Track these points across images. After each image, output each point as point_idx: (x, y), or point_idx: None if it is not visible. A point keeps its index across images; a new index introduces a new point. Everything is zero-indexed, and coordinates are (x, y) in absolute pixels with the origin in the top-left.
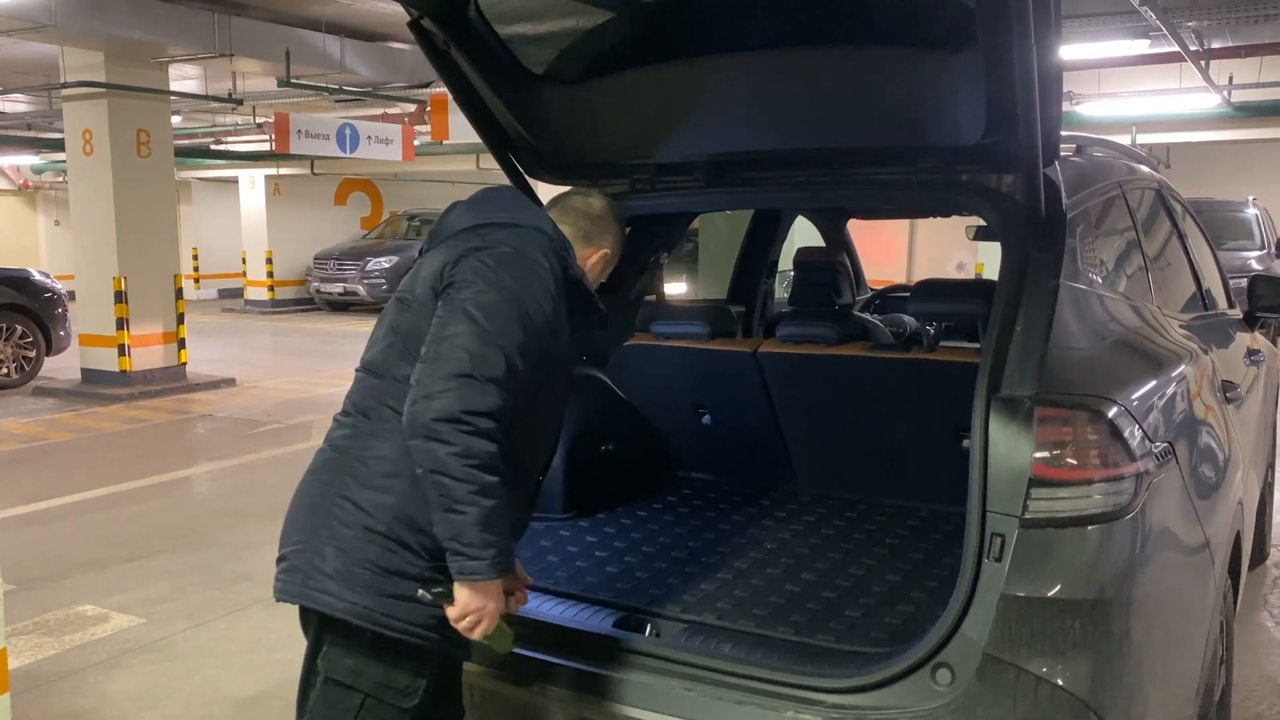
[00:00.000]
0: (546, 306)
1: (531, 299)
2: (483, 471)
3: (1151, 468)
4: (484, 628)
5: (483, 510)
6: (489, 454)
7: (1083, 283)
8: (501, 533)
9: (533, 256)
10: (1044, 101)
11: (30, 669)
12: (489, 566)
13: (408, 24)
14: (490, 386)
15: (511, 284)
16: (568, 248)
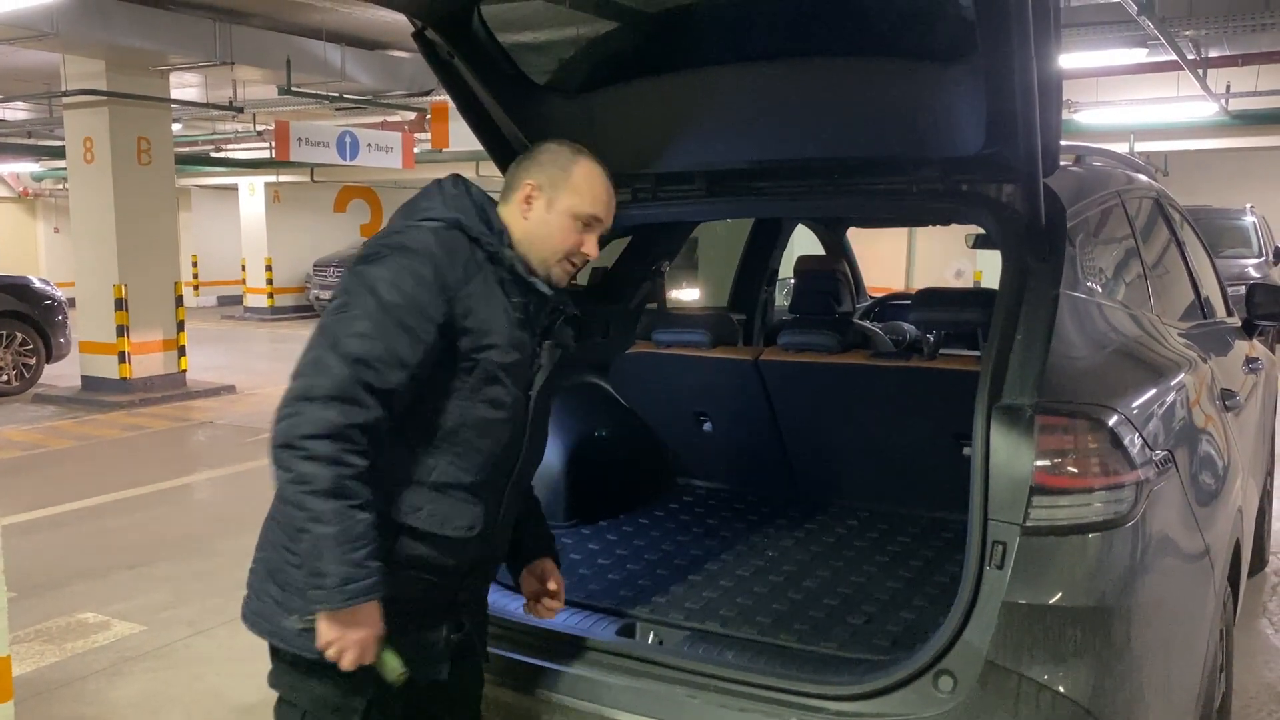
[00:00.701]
0: (429, 303)
1: (401, 303)
2: (320, 498)
3: (1152, 476)
4: (351, 658)
5: (320, 537)
6: (330, 478)
7: (1082, 291)
8: (350, 560)
9: (405, 257)
10: (1044, 111)
11: (32, 676)
12: (334, 595)
13: (412, 34)
14: (334, 405)
15: (374, 292)
16: (490, 232)
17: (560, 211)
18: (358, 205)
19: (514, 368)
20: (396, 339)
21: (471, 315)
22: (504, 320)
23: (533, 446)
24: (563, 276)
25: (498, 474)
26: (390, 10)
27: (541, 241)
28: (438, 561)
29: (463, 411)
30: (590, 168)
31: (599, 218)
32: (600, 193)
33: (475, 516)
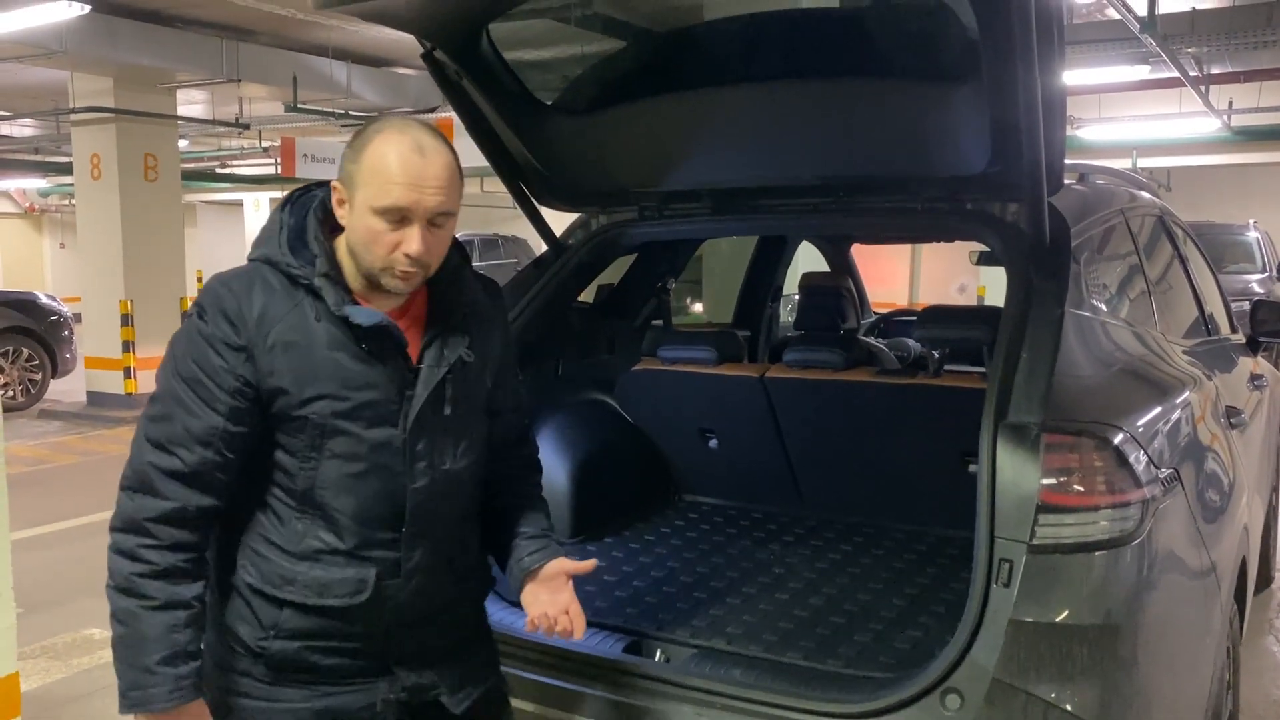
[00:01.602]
0: (219, 369)
1: (189, 375)
2: (115, 593)
3: (1157, 494)
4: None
5: (117, 637)
6: (123, 574)
7: (1087, 310)
8: (137, 665)
9: (197, 319)
10: (1048, 130)
11: (39, 693)
12: (121, 702)
13: (421, 55)
14: (132, 496)
15: (168, 365)
16: (296, 260)
17: (361, 212)
18: None
19: (361, 410)
20: (188, 415)
21: (279, 370)
22: (332, 361)
23: (440, 480)
24: (400, 284)
25: (379, 528)
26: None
27: (360, 251)
28: (335, 631)
29: (311, 472)
30: (380, 146)
31: (402, 208)
32: (394, 175)
33: (360, 581)
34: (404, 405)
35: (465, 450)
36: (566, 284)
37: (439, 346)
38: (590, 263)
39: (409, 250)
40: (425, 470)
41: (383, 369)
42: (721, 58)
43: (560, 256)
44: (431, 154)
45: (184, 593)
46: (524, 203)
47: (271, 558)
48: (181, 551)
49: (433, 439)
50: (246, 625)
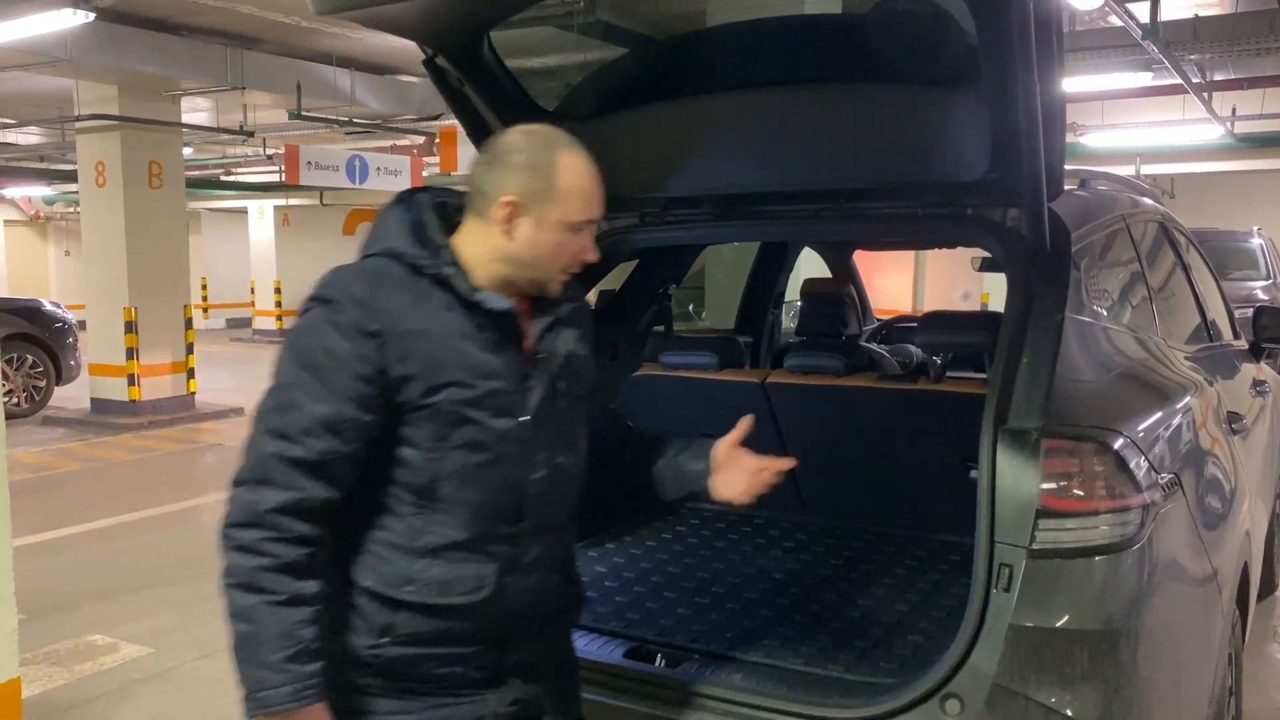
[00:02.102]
0: (351, 355)
1: (318, 363)
2: (237, 591)
3: (1158, 499)
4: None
5: (236, 636)
6: (245, 570)
7: (1088, 315)
8: (265, 664)
9: (323, 310)
10: (1048, 136)
11: (41, 699)
12: (248, 703)
13: (422, 62)
14: (254, 489)
15: (292, 357)
16: (425, 252)
17: (552, 227)
18: (366, 228)
19: (488, 400)
20: (316, 403)
21: (411, 357)
22: (458, 350)
23: (555, 473)
24: (560, 288)
25: (500, 522)
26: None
27: (536, 263)
28: (453, 634)
29: (435, 464)
30: (573, 164)
31: (594, 220)
32: (591, 189)
33: (482, 577)
34: (524, 395)
35: (573, 445)
36: None
37: (551, 339)
38: (592, 269)
39: (589, 256)
40: (544, 462)
41: (504, 358)
42: (722, 64)
43: None
44: (593, 164)
45: (307, 588)
46: None
47: (389, 557)
48: (304, 545)
49: (548, 431)
50: (357, 633)
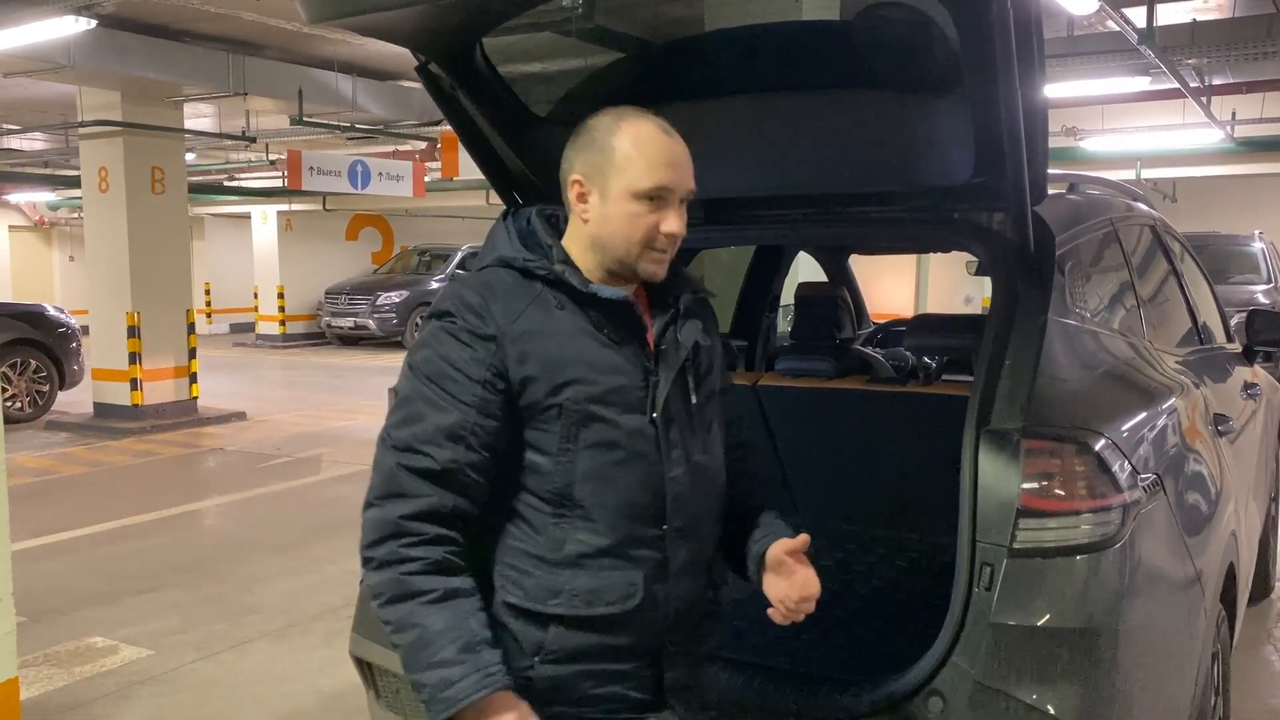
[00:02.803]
0: (469, 361)
1: (437, 372)
2: (389, 606)
3: (1139, 499)
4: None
5: (407, 648)
6: (391, 582)
7: (1072, 318)
8: (437, 662)
9: (440, 322)
10: (1031, 141)
11: (40, 700)
12: (434, 707)
13: (415, 68)
14: (385, 503)
15: (412, 370)
16: (533, 254)
17: (617, 198)
18: (369, 233)
19: (613, 396)
20: (437, 412)
21: (530, 358)
22: (578, 347)
23: (694, 473)
24: (655, 269)
25: (643, 524)
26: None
27: (612, 240)
28: (607, 649)
29: (567, 467)
30: (637, 129)
31: (666, 187)
32: (659, 155)
33: (631, 584)
34: (650, 390)
35: (711, 443)
36: None
37: (674, 332)
38: None
39: (670, 229)
40: (680, 459)
41: (625, 353)
42: (711, 71)
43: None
44: (677, 135)
45: (462, 583)
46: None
47: (533, 571)
48: (446, 544)
49: (681, 427)
50: (510, 655)
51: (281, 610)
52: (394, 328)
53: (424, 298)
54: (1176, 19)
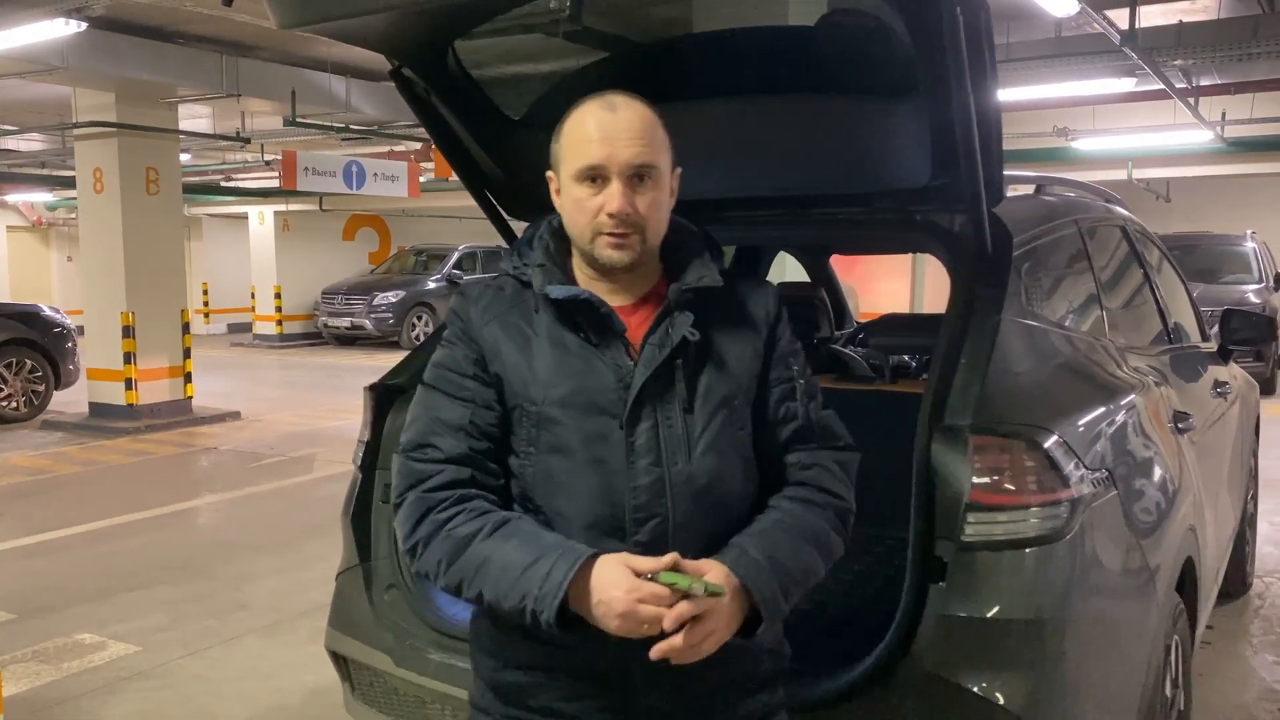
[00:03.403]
0: (460, 358)
1: (438, 371)
2: (453, 569)
3: (1088, 494)
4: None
5: (486, 587)
6: (442, 542)
7: (1028, 317)
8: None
9: (447, 325)
10: (985, 145)
11: (28, 695)
12: (536, 614)
13: (389, 73)
14: (411, 492)
15: (424, 375)
16: (518, 258)
17: (567, 186)
18: (366, 234)
19: (576, 398)
20: (438, 409)
21: (498, 358)
22: (548, 350)
23: (672, 483)
24: (612, 254)
25: (602, 535)
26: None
27: (572, 230)
28: (564, 665)
29: (528, 470)
30: (575, 114)
31: (596, 164)
32: (588, 134)
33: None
34: (622, 393)
35: (706, 451)
36: None
37: (665, 329)
38: None
39: (610, 209)
40: (649, 468)
41: (603, 354)
42: (681, 75)
43: None
44: (623, 108)
45: (507, 515)
46: (491, 214)
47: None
48: (476, 498)
49: (658, 432)
50: (484, 656)
51: (269, 607)
52: (390, 328)
53: (421, 298)
54: (1163, 20)
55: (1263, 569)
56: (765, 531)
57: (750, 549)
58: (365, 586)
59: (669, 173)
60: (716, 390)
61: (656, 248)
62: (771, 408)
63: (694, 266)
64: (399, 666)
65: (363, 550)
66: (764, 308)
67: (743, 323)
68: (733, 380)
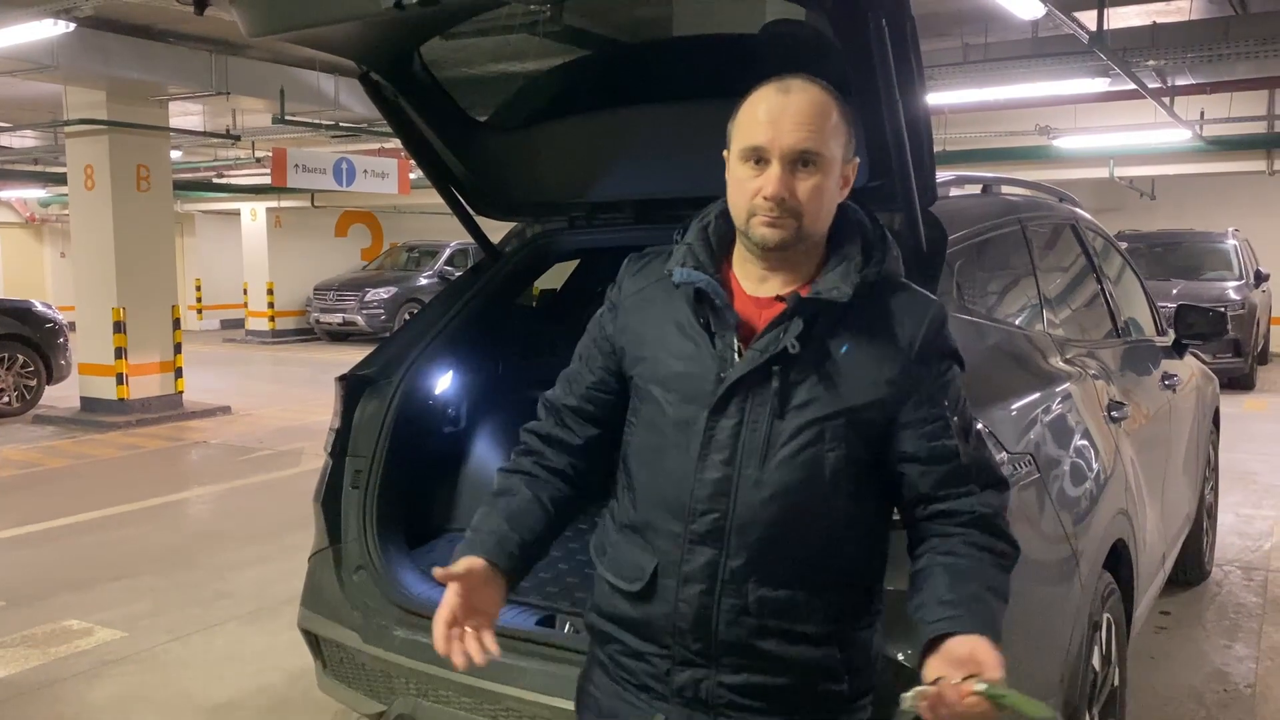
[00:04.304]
0: (597, 323)
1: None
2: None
3: (1009, 475)
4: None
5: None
6: (510, 467)
7: (962, 311)
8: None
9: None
10: (915, 149)
11: (15, 679)
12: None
13: (357, 77)
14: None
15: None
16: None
17: (733, 166)
18: (358, 230)
19: (677, 382)
20: (575, 362)
21: (628, 330)
22: (664, 328)
23: (741, 485)
24: (764, 231)
25: (668, 515)
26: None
27: (732, 208)
28: (625, 621)
29: (628, 438)
30: (755, 95)
31: (759, 145)
32: (756, 115)
33: (639, 567)
34: (719, 385)
35: (784, 462)
36: (504, 288)
37: (778, 332)
38: (526, 268)
39: (766, 192)
40: (721, 464)
41: (711, 346)
42: (636, 80)
43: (497, 262)
44: (796, 91)
45: (516, 485)
46: (459, 212)
47: (605, 525)
48: (535, 455)
49: (740, 434)
50: (593, 597)
51: (252, 596)
52: (382, 324)
53: (412, 294)
54: (1139, 21)
55: (1223, 558)
56: (960, 585)
57: (973, 608)
58: (335, 567)
59: (840, 161)
60: (816, 405)
61: (820, 236)
62: (921, 445)
63: (836, 271)
64: (366, 643)
65: (333, 533)
66: (910, 331)
67: (875, 341)
68: (840, 399)
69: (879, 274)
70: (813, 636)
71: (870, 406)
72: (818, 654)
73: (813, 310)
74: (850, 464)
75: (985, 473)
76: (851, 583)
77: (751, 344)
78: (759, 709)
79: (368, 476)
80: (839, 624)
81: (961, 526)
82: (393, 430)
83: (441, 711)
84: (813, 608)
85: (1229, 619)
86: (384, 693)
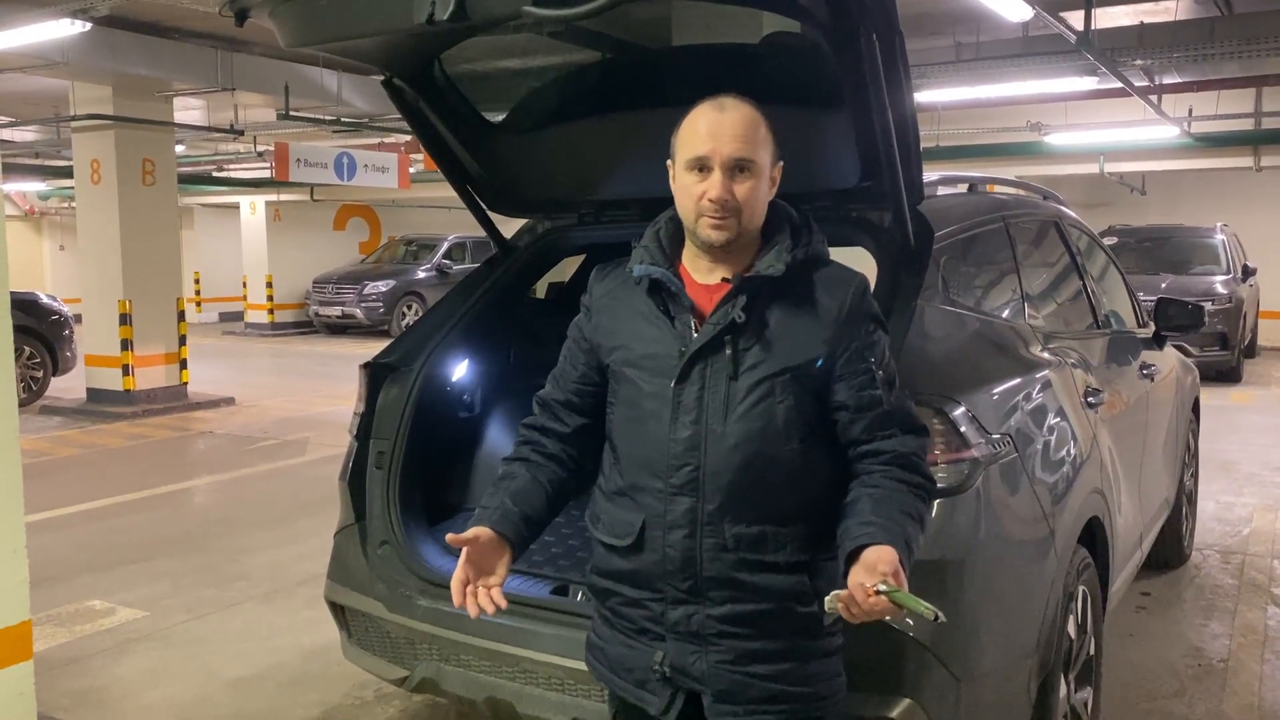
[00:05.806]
0: (577, 324)
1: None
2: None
3: (989, 454)
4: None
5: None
6: (512, 452)
7: (946, 303)
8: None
9: None
10: (903, 150)
11: (44, 654)
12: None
13: (381, 82)
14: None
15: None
16: (645, 233)
17: (679, 174)
18: (357, 224)
19: (647, 362)
20: (561, 362)
21: (601, 327)
22: (630, 319)
23: (708, 440)
24: (710, 233)
25: (649, 475)
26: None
27: (681, 211)
28: (621, 574)
29: (610, 416)
30: (695, 112)
31: (702, 155)
32: (698, 130)
33: (629, 524)
34: (681, 359)
35: (743, 416)
36: (516, 281)
37: (728, 307)
38: (537, 262)
39: (711, 195)
40: (690, 424)
41: (671, 327)
42: (643, 85)
43: (509, 257)
44: (730, 109)
45: (515, 470)
46: (474, 209)
47: (596, 497)
48: (533, 444)
49: (703, 397)
50: (591, 560)
51: (266, 577)
52: (381, 317)
53: (410, 287)
54: (1127, 21)
55: (1203, 543)
56: (879, 508)
57: (887, 525)
58: (360, 542)
59: (769, 166)
60: (763, 366)
61: (756, 230)
62: (851, 395)
63: (771, 253)
64: (391, 612)
65: (358, 510)
66: (838, 300)
67: (808, 309)
68: (783, 359)
69: (807, 254)
70: (784, 566)
71: (809, 363)
72: (790, 581)
73: (755, 286)
74: (799, 414)
75: (906, 419)
76: (813, 516)
77: (706, 320)
78: (745, 635)
79: (390, 457)
80: (806, 553)
81: (884, 464)
82: (414, 414)
83: (462, 675)
84: (781, 540)
85: (1206, 599)
86: (408, 659)
